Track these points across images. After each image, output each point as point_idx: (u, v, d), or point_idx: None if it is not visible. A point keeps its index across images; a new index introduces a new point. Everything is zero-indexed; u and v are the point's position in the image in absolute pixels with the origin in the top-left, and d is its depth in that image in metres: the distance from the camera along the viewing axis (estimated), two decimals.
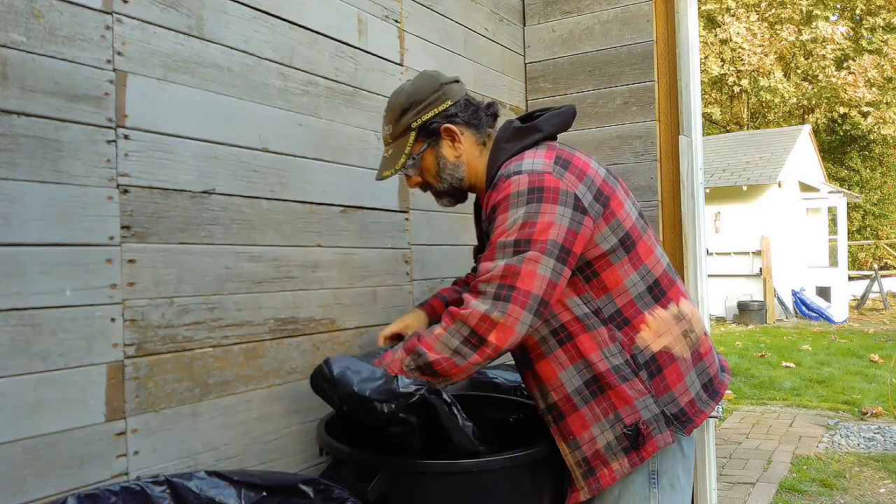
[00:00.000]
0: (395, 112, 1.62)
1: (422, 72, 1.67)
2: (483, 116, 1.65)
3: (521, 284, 1.38)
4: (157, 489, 1.34)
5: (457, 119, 1.60)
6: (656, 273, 1.56)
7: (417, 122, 1.59)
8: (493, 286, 1.39)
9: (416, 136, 1.60)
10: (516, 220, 1.41)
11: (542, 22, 2.80)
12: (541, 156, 1.51)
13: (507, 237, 1.41)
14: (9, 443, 1.21)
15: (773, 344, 9.85)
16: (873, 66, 19.92)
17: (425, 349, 1.42)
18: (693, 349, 1.57)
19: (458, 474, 1.49)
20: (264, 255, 1.70)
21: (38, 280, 1.25)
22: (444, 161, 1.62)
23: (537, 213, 1.41)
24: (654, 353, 1.50)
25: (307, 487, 1.40)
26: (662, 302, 1.55)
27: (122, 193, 1.40)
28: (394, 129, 1.63)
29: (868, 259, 21.72)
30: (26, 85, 1.25)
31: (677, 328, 1.55)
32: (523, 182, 1.44)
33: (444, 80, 1.63)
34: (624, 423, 1.47)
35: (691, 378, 1.54)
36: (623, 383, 1.47)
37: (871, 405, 5.92)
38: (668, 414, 1.49)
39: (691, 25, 2.50)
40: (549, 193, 1.42)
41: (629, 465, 1.48)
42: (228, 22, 1.63)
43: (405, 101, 1.60)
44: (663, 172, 2.56)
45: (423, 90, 1.60)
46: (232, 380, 1.61)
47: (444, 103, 1.60)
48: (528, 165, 1.48)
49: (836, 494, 4.01)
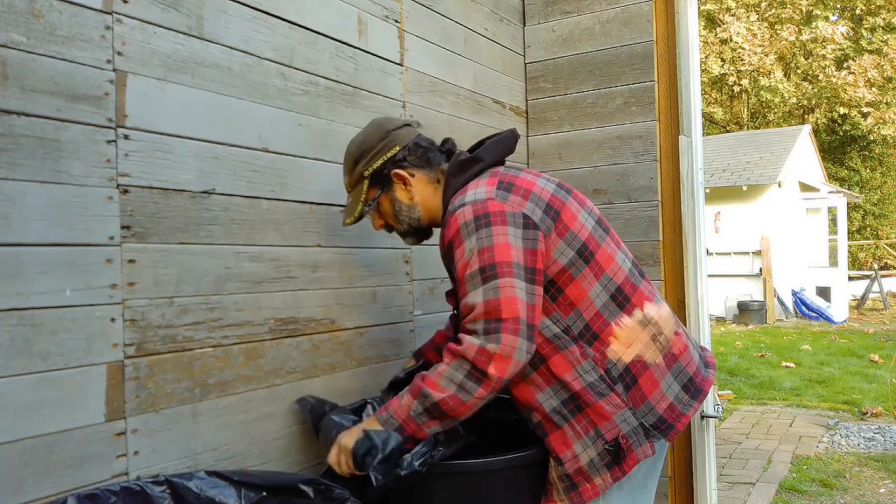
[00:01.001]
0: (349, 162, 1.70)
1: (372, 120, 1.74)
2: (434, 156, 1.69)
3: (505, 314, 1.40)
4: (157, 489, 1.34)
5: (405, 164, 1.66)
6: (618, 280, 1.56)
7: (369, 171, 1.66)
8: (480, 324, 1.41)
9: (370, 183, 1.67)
10: (472, 250, 1.45)
11: (542, 22, 2.80)
12: (483, 184, 1.55)
13: (471, 268, 1.44)
14: (9, 443, 1.21)
15: (773, 344, 9.85)
16: (873, 66, 19.91)
17: (430, 389, 1.42)
18: (665, 352, 1.57)
19: (459, 475, 1.49)
20: (264, 255, 1.70)
21: (38, 280, 1.25)
22: (398, 204, 1.68)
23: (489, 236, 1.44)
24: (627, 364, 1.51)
25: (307, 487, 1.41)
26: (627, 309, 1.55)
27: (122, 193, 1.39)
28: (349, 178, 1.71)
29: (868, 259, 21.72)
30: (26, 85, 1.25)
31: (645, 334, 1.55)
32: (468, 212, 1.48)
33: (391, 126, 1.68)
34: (605, 438, 1.49)
35: (667, 382, 1.54)
36: (600, 399, 1.49)
37: (871, 405, 5.92)
38: (647, 425, 1.50)
39: (691, 25, 2.50)
40: (496, 217, 1.46)
41: (612, 480, 1.49)
42: (228, 22, 1.63)
43: (356, 150, 1.68)
44: (663, 172, 2.56)
45: (371, 139, 1.67)
46: (232, 380, 1.61)
47: (393, 149, 1.65)
48: (472, 196, 1.52)
49: (836, 494, 4.01)
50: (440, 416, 1.44)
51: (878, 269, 16.25)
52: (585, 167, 2.70)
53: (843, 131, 21.93)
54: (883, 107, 20.22)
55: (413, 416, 1.44)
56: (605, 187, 2.65)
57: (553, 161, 2.76)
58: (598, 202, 2.61)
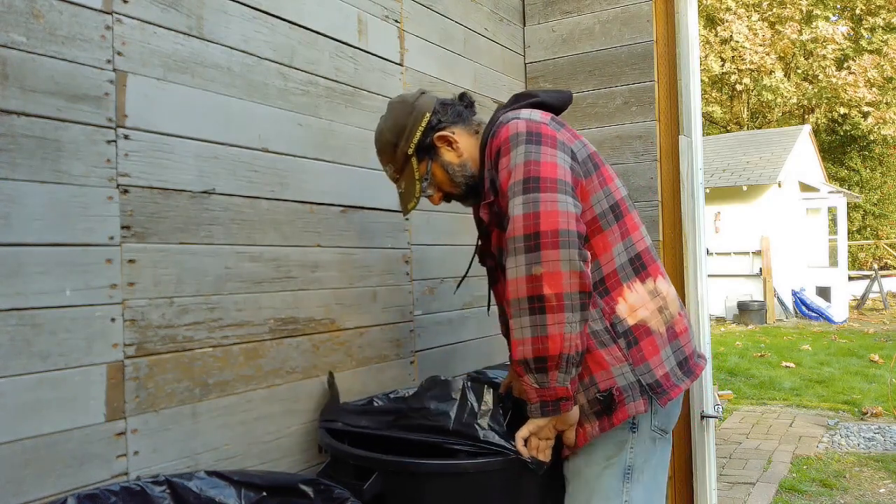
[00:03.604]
0: (387, 151, 1.68)
1: (388, 104, 1.72)
2: (463, 110, 1.69)
3: (544, 227, 1.33)
4: (157, 489, 1.34)
5: (442, 125, 1.65)
6: (639, 248, 1.57)
7: (412, 147, 1.64)
8: (519, 241, 1.34)
9: (417, 158, 1.65)
10: (517, 159, 1.42)
11: (542, 22, 2.80)
12: (537, 114, 1.55)
13: (515, 177, 1.40)
14: (9, 443, 1.21)
15: (773, 344, 9.85)
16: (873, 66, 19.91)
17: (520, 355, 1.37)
18: (668, 325, 1.57)
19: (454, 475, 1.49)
20: (264, 255, 1.70)
21: (38, 280, 1.25)
22: (450, 167, 1.65)
23: (538, 152, 1.42)
24: (631, 326, 1.50)
25: (307, 487, 1.40)
26: (641, 276, 1.56)
27: (122, 193, 1.39)
28: (395, 164, 1.68)
29: (868, 259, 21.72)
30: (26, 85, 1.25)
31: (652, 304, 1.56)
32: (521, 125, 1.47)
33: (411, 99, 1.68)
34: (598, 387, 1.46)
35: (666, 353, 1.55)
36: (601, 348, 1.47)
37: (871, 405, 5.92)
38: (644, 383, 1.48)
39: (691, 25, 2.50)
40: (548, 139, 1.45)
41: (598, 430, 1.47)
42: (228, 22, 1.63)
43: (391, 136, 1.66)
44: (663, 172, 2.56)
45: (399, 118, 1.65)
46: (232, 380, 1.61)
47: (424, 117, 1.64)
48: (526, 114, 1.52)
49: (836, 494, 4.01)
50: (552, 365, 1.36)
51: (878, 269, 16.25)
52: None
53: (844, 131, 21.93)
54: (883, 107, 20.21)
55: (540, 387, 1.38)
56: None
57: None
58: None
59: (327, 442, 1.62)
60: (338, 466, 1.59)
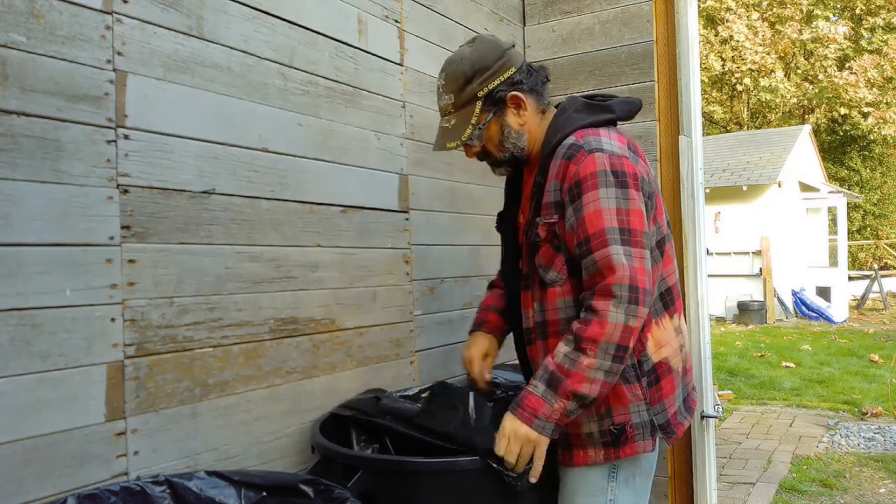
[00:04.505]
0: (457, 80, 1.55)
1: (478, 36, 1.62)
2: (542, 83, 1.62)
3: (641, 284, 1.39)
4: (157, 489, 1.34)
5: (522, 86, 1.57)
6: (669, 282, 1.61)
7: (484, 91, 1.54)
8: (626, 289, 1.38)
9: (483, 105, 1.55)
10: (610, 202, 1.42)
11: (542, 22, 2.80)
12: (615, 138, 1.51)
13: (611, 222, 1.41)
14: (9, 443, 1.21)
15: (773, 344, 9.85)
16: (873, 66, 19.91)
17: (584, 391, 1.39)
18: (683, 364, 1.63)
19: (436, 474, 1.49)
20: (264, 255, 1.70)
21: (38, 280, 1.25)
22: (508, 130, 1.58)
23: (627, 199, 1.43)
24: (655, 364, 1.54)
25: (307, 487, 1.40)
26: (670, 311, 1.60)
27: (122, 193, 1.39)
28: (457, 98, 1.56)
29: (868, 259, 21.72)
30: (26, 85, 1.25)
31: (675, 341, 1.61)
32: (607, 162, 1.44)
33: (505, 45, 1.58)
34: (613, 420, 1.50)
35: (678, 392, 1.60)
36: (624, 384, 1.50)
37: (871, 405, 5.92)
38: (657, 424, 1.53)
39: (691, 25, 2.50)
40: (631, 179, 1.44)
41: (603, 458, 1.51)
42: (228, 22, 1.63)
43: (469, 69, 1.54)
44: (663, 172, 2.56)
45: (487, 57, 1.55)
46: (232, 380, 1.61)
47: (509, 70, 1.55)
48: (608, 146, 1.47)
49: (836, 494, 4.01)
50: (591, 404, 1.44)
51: (878, 269, 16.25)
52: None
53: (844, 131, 21.92)
54: (883, 107, 20.21)
55: (567, 415, 1.42)
56: None
57: None
58: None
59: (317, 440, 1.61)
60: (328, 465, 1.59)
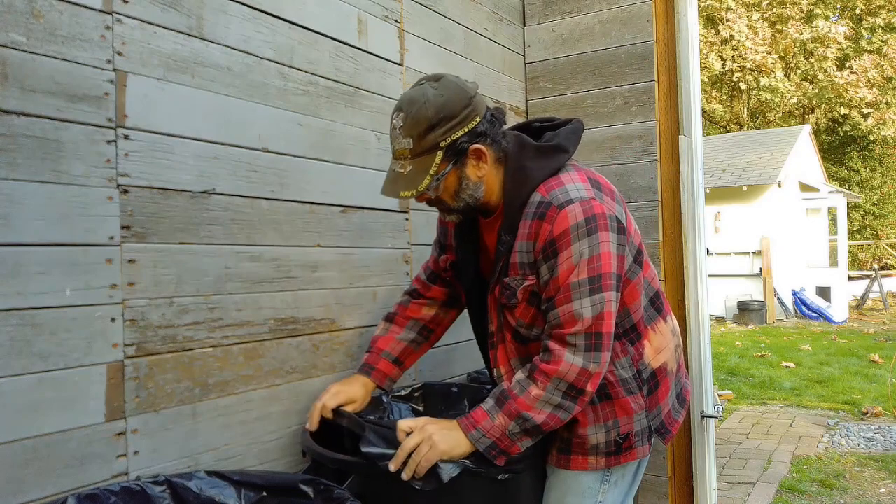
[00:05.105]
0: (419, 126, 1.43)
1: (443, 77, 1.49)
2: (501, 131, 1.54)
3: (604, 329, 1.42)
4: (157, 489, 1.34)
5: (485, 138, 1.49)
6: (655, 286, 1.64)
7: (447, 142, 1.44)
8: (581, 339, 1.41)
9: (444, 155, 1.45)
10: (581, 255, 1.41)
11: (542, 22, 2.80)
12: (577, 179, 1.48)
13: (579, 276, 1.41)
14: (9, 443, 1.21)
15: (773, 344, 9.84)
16: (873, 67, 19.90)
17: (530, 413, 1.41)
18: (678, 362, 1.67)
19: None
20: (264, 255, 1.70)
21: (38, 280, 1.25)
22: (466, 181, 1.50)
23: (597, 244, 1.42)
24: (654, 370, 1.58)
25: (307, 487, 1.40)
26: (662, 314, 1.63)
27: (122, 193, 1.39)
28: (416, 144, 1.44)
29: (868, 259, 21.72)
30: (26, 85, 1.25)
31: (672, 343, 1.64)
32: (578, 213, 1.42)
33: (471, 91, 1.48)
34: (619, 430, 1.53)
35: (672, 391, 1.63)
36: (628, 395, 1.53)
37: (871, 405, 5.92)
38: (653, 428, 1.57)
39: (691, 25, 2.50)
40: (601, 221, 1.43)
41: (604, 465, 1.54)
42: (228, 22, 1.63)
43: (433, 115, 1.43)
44: (663, 172, 2.56)
45: (452, 104, 1.44)
46: (232, 380, 1.61)
47: (474, 120, 1.46)
48: (575, 192, 1.45)
49: (836, 494, 4.01)
50: (537, 434, 1.45)
51: (878, 269, 16.24)
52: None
53: (844, 131, 21.92)
54: (883, 107, 20.20)
55: (508, 435, 1.42)
56: None
57: None
58: None
59: (307, 445, 1.61)
60: (319, 470, 1.58)
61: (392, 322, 1.83)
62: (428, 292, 1.84)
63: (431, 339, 1.87)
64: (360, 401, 1.69)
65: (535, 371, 1.43)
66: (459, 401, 1.96)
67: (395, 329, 1.82)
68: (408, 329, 1.82)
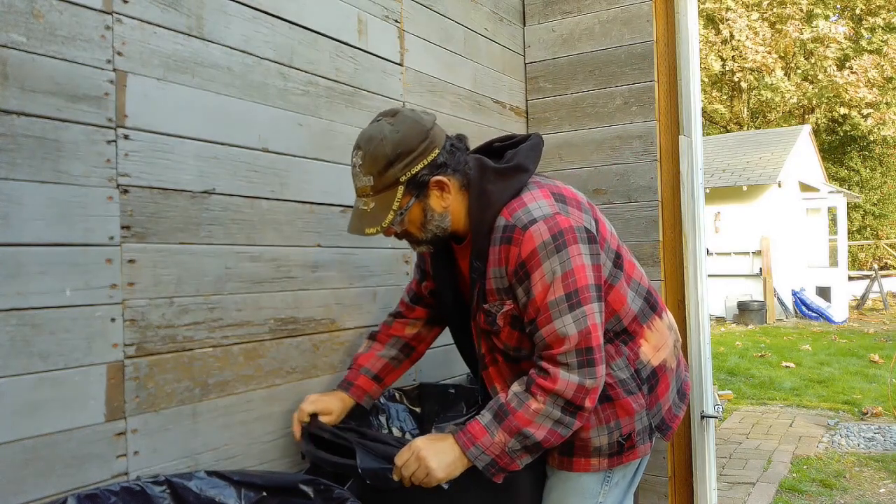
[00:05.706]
0: (377, 163, 1.44)
1: (399, 112, 1.49)
2: (463, 158, 1.52)
3: (593, 343, 1.41)
4: (157, 489, 1.34)
5: (446, 169, 1.48)
6: (645, 284, 1.63)
7: (406, 176, 1.44)
8: (573, 356, 1.39)
9: (405, 189, 1.45)
10: (554, 273, 1.40)
11: (542, 22, 2.80)
12: (539, 197, 1.47)
13: (555, 294, 1.40)
14: (9, 443, 1.21)
15: (773, 344, 9.84)
16: (873, 66, 19.90)
17: (530, 429, 1.39)
18: (677, 358, 1.67)
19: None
20: (264, 255, 1.70)
21: (38, 280, 1.25)
22: (431, 213, 1.50)
23: (568, 259, 1.40)
24: (654, 368, 1.58)
25: (307, 487, 1.40)
26: (658, 312, 1.63)
27: (122, 193, 1.39)
28: (376, 181, 1.45)
29: (868, 259, 21.72)
30: (26, 85, 1.25)
31: (670, 339, 1.64)
32: (543, 231, 1.41)
33: (428, 124, 1.48)
34: (621, 432, 1.53)
35: (673, 387, 1.63)
36: (629, 396, 1.52)
37: (871, 405, 5.92)
38: (654, 426, 1.57)
39: (691, 25, 2.50)
40: (569, 235, 1.42)
41: (607, 465, 1.54)
42: (228, 22, 1.63)
43: (391, 151, 1.43)
44: (663, 172, 2.56)
45: (409, 139, 1.44)
46: (232, 380, 1.61)
47: (433, 153, 1.46)
48: (538, 211, 1.44)
49: (836, 494, 4.01)
50: (537, 451, 1.44)
51: (878, 269, 16.24)
52: (585, 167, 2.70)
53: (844, 131, 21.92)
54: (883, 107, 20.20)
55: (508, 452, 1.41)
56: (605, 187, 2.65)
57: (553, 161, 2.76)
58: (598, 202, 2.61)
59: (307, 448, 1.60)
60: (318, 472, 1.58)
61: (374, 340, 1.83)
62: (412, 314, 1.84)
63: (413, 356, 1.85)
64: (335, 413, 1.67)
65: (532, 385, 1.41)
66: (457, 402, 1.97)
67: (377, 346, 1.81)
68: (389, 346, 1.81)
